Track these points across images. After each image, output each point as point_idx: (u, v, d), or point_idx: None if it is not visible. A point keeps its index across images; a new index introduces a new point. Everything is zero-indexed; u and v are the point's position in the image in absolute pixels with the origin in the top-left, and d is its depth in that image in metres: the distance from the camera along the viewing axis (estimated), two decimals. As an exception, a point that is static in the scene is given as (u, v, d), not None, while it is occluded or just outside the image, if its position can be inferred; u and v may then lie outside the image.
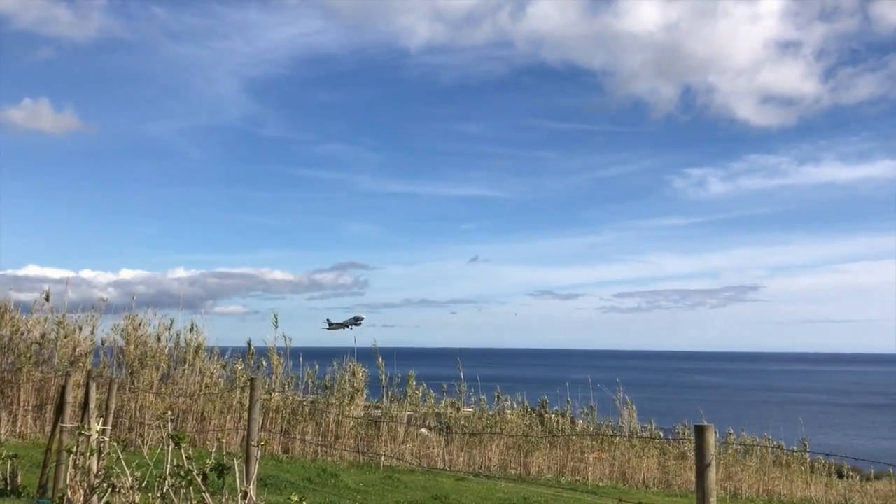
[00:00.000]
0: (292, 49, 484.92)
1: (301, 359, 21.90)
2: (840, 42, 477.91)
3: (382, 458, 19.51)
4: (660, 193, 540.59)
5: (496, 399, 24.64)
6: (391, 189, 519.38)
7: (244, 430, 11.62)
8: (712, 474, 4.46)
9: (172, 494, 5.87)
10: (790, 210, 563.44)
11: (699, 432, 4.65)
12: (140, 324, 20.59)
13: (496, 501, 15.78)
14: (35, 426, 18.58)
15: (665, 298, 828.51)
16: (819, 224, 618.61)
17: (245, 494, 5.67)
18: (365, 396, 22.05)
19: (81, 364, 19.85)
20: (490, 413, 23.98)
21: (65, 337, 20.31)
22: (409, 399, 22.71)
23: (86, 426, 7.42)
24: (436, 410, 23.32)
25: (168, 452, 6.16)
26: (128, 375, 19.75)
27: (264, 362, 21.66)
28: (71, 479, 6.89)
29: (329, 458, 19.60)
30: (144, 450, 6.96)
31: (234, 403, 19.78)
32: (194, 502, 5.73)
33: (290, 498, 5.33)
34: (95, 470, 6.82)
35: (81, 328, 20.70)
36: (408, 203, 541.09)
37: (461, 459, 21.26)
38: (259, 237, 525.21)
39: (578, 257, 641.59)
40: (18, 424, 18.39)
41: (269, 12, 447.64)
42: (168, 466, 6.08)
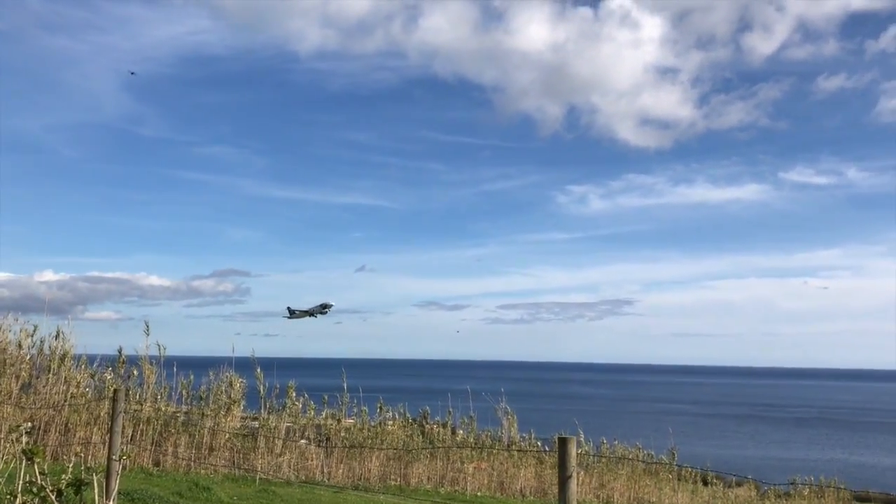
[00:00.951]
0: (176, 47, 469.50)
1: (175, 368, 21.15)
2: (714, 70, 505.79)
3: (259, 471, 19.08)
4: (544, 209, 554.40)
5: (378, 410, 24.55)
6: (276, 195, 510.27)
7: (109, 444, 11.10)
8: (573, 485, 4.61)
9: (23, 513, 5.54)
10: (664, 228, 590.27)
11: (562, 444, 4.79)
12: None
13: (374, 513, 15.72)
14: None
15: (546, 311, 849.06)
16: (691, 242, 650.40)
17: (103, 511, 5.42)
18: (242, 407, 21.50)
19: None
20: (371, 424, 23.86)
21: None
22: (289, 410, 22.30)
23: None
24: (316, 422, 23.00)
25: (21, 468, 5.81)
26: (-17, 385, 18.54)
27: (136, 371, 20.79)
28: None
29: (203, 472, 18.99)
30: (-6, 465, 6.54)
31: (102, 415, 18.89)
32: (47, 521, 5.43)
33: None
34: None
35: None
36: (293, 210, 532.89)
37: (340, 472, 21.05)
38: (135, 241, 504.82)
39: (464, 269, 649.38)
40: None
41: (153, 8, 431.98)
42: (20, 483, 5.74)
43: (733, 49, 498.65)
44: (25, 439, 6.97)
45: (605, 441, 29.87)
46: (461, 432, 26.20)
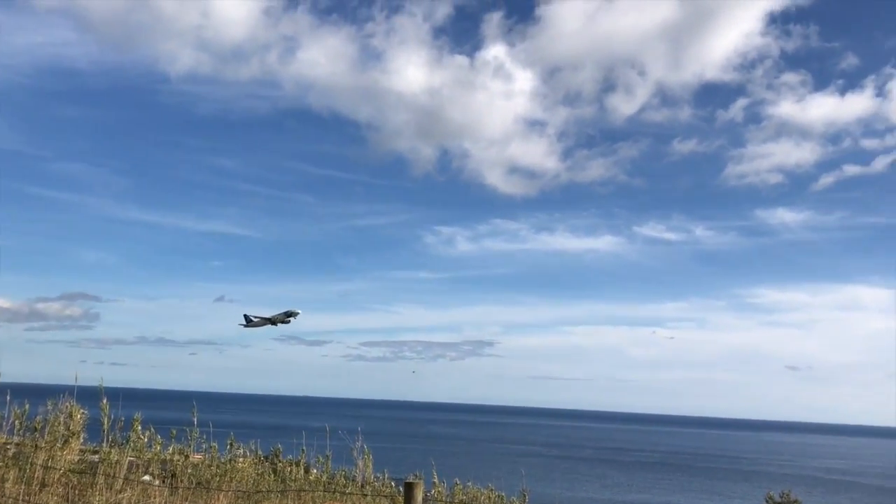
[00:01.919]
0: (35, 57, 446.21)
1: (8, 396, 19.74)
2: (579, 126, 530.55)
3: (95, 509, 17.97)
4: (412, 247, 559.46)
5: (228, 446, 23.75)
6: (135, 217, 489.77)
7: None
8: (415, 529, 4.68)
9: None
10: (526, 273, 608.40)
11: (408, 489, 4.87)
12: None
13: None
14: None
15: (409, 349, 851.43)
16: (550, 288, 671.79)
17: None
18: (82, 440, 20.28)
19: None
20: (221, 461, 23.04)
21: None
22: (133, 444, 21.21)
23: None
24: (162, 457, 21.99)
25: None
26: None
27: (-38, 399, 19.26)
28: None
29: (31, 509, 17.70)
30: None
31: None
32: None
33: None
34: None
35: None
36: (152, 233, 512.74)
37: (185, 510, 20.16)
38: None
39: (328, 303, 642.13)
40: None
41: (13, 15, 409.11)
42: None
43: (597, 107, 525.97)
44: None
45: (459, 482, 30.12)
46: (315, 471, 25.76)
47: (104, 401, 20.76)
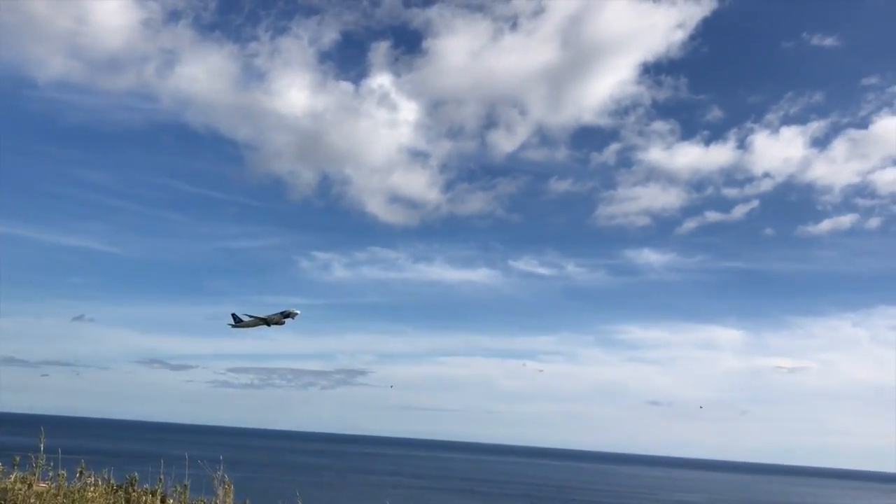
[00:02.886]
0: None
1: None
2: (461, 160, 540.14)
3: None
4: (286, 272, 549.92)
5: (78, 474, 22.39)
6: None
7: None
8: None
9: None
10: (402, 303, 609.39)
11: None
12: None
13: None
14: None
15: (279, 377, 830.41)
16: (425, 319, 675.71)
17: None
18: None
19: None
20: (69, 490, 21.69)
21: None
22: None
23: None
24: (2, 486, 20.51)
25: None
26: None
27: None
28: None
29: None
30: None
31: None
32: None
33: None
34: None
35: None
36: (4, 246, 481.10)
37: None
38: None
39: (195, 327, 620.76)
40: None
41: None
42: None
43: (479, 143, 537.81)
44: None
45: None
46: (171, 501, 24.65)
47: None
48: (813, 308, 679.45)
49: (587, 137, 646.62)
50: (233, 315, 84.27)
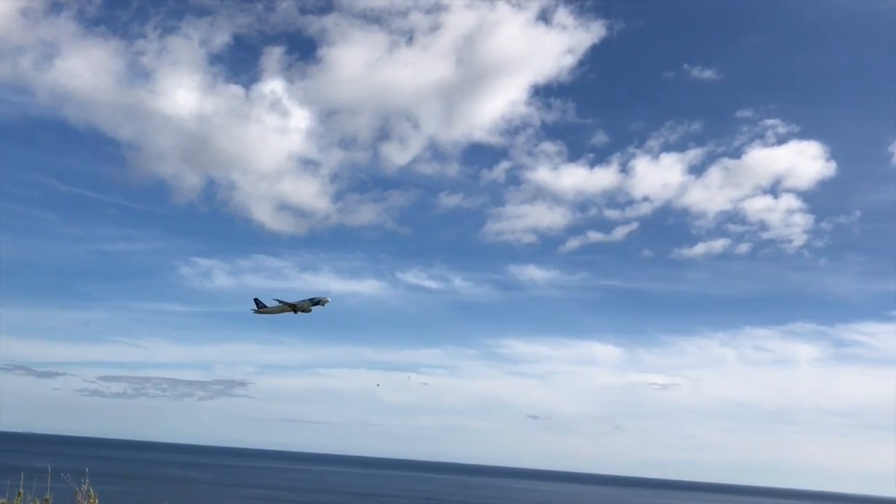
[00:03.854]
0: None
1: None
2: (353, 170, 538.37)
3: None
4: (164, 278, 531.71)
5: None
6: None
7: None
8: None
9: None
10: (287, 314, 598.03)
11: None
12: None
13: None
14: None
15: (154, 386, 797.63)
16: (309, 329, 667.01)
17: None
18: None
19: None
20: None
21: None
22: None
23: None
24: None
25: None
26: None
27: None
28: None
29: None
30: None
31: None
32: None
33: None
34: None
35: None
36: None
37: None
38: None
39: (65, 332, 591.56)
40: None
41: None
42: None
43: (372, 154, 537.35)
44: None
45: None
46: (31, 516, 24.10)
47: None
48: (685, 327, 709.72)
49: (478, 154, 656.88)
50: (255, 300, 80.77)
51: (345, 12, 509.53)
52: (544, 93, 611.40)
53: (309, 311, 78.13)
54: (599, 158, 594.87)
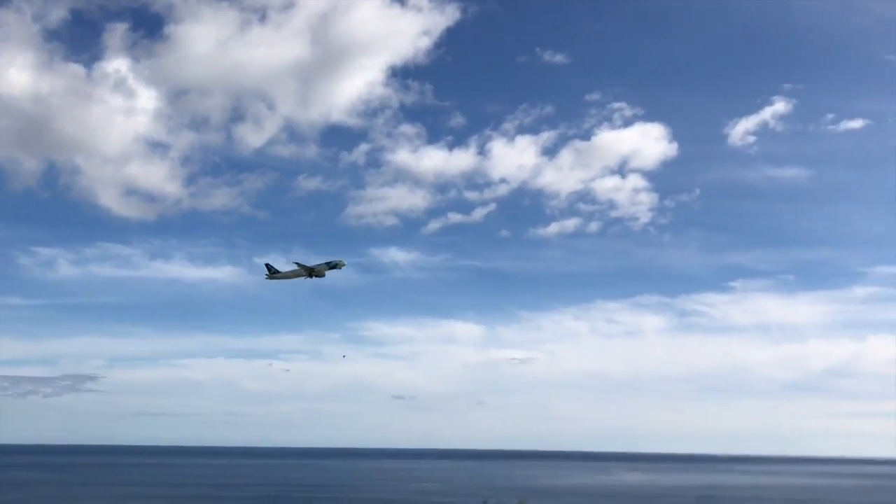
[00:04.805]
0: None
1: None
2: (205, 153, 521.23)
3: None
4: (2, 270, 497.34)
5: None
6: None
7: None
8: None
9: None
10: (137, 302, 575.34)
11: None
12: None
13: None
14: None
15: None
16: (164, 319, 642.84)
17: None
18: None
19: None
20: None
21: None
22: None
23: None
24: None
25: None
26: None
27: None
28: None
29: None
30: None
31: None
32: None
33: None
34: None
35: None
36: None
37: None
38: None
39: None
40: None
41: None
42: None
43: (225, 136, 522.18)
44: None
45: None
46: None
47: None
48: (541, 303, 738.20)
49: (337, 136, 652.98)
50: (266, 265, 75.58)
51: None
52: (402, 74, 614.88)
53: (322, 276, 75.73)
54: (458, 141, 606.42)
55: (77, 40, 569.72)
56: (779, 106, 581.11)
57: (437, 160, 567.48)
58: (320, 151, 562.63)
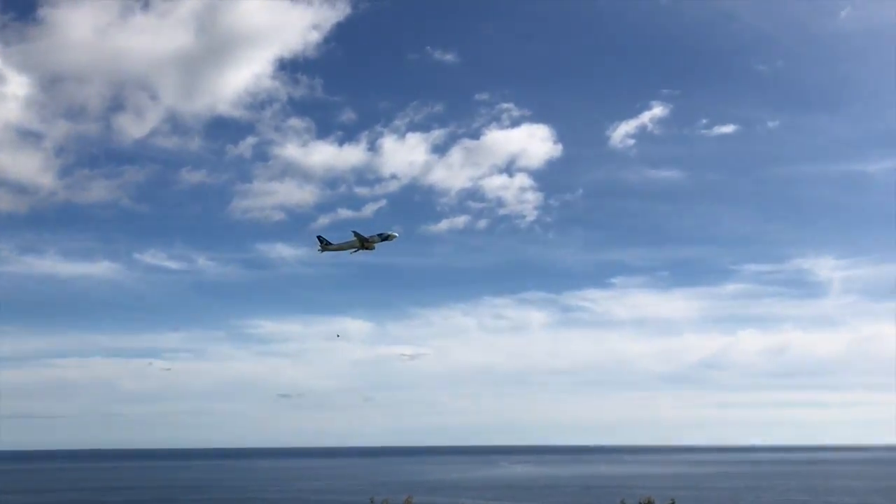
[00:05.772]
0: None
1: None
2: (81, 143, 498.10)
3: None
4: None
5: None
6: None
7: None
8: None
9: None
10: (6, 300, 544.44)
11: None
12: None
13: None
14: None
15: None
16: (35, 317, 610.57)
17: None
18: None
19: None
20: None
21: None
22: None
23: None
24: None
25: None
26: None
27: None
28: None
29: None
30: None
31: None
32: None
33: None
34: None
35: None
36: None
37: None
38: None
39: None
40: None
41: None
42: None
43: (104, 126, 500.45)
44: None
45: None
46: None
47: None
48: (431, 299, 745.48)
49: (222, 128, 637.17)
50: (319, 238, 71.92)
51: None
52: (291, 67, 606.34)
53: (372, 249, 74.15)
54: (348, 136, 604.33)
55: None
56: (657, 110, 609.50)
57: (327, 155, 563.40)
58: (205, 144, 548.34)
